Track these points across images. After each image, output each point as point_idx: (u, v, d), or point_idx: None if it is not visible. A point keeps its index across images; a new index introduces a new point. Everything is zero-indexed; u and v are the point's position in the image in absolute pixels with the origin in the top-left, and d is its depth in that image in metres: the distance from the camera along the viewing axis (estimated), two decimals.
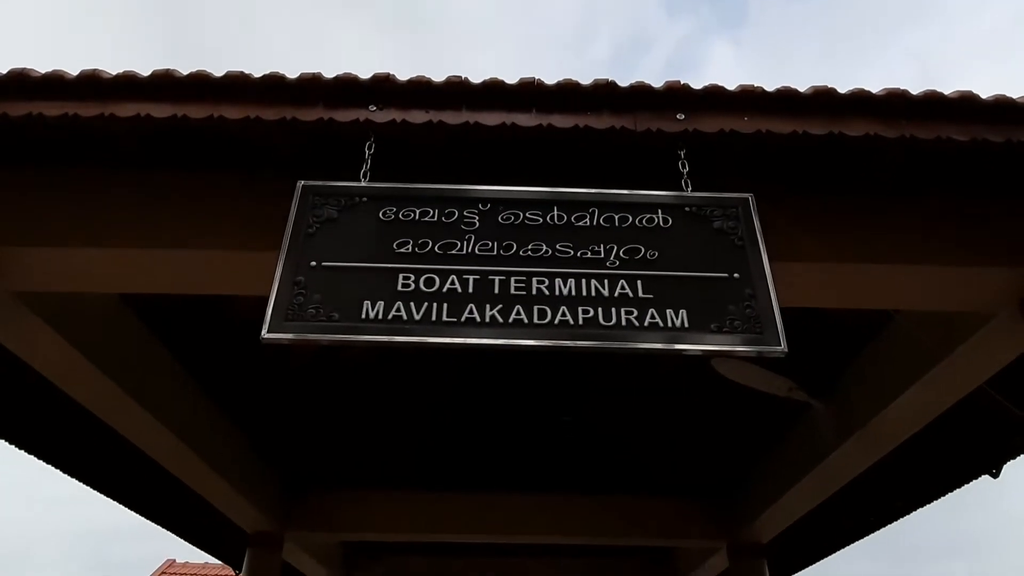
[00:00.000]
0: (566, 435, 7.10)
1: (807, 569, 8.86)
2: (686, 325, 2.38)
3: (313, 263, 2.51)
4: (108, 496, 6.50)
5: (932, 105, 2.87)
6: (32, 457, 5.50)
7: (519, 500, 7.87)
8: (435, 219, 2.64)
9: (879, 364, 4.70)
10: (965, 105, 2.86)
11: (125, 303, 4.44)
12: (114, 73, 2.91)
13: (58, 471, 5.79)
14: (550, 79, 2.97)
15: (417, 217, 2.64)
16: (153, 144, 3.09)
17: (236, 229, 3.15)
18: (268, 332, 2.33)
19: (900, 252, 3.24)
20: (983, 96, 2.87)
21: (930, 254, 3.24)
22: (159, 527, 7.47)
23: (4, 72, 2.87)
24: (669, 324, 2.38)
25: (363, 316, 2.37)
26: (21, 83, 2.85)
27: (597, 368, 6.15)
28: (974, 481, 5.62)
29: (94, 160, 3.23)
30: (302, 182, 2.75)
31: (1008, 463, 5.36)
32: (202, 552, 8.52)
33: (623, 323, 2.38)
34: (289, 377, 6.02)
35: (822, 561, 8.49)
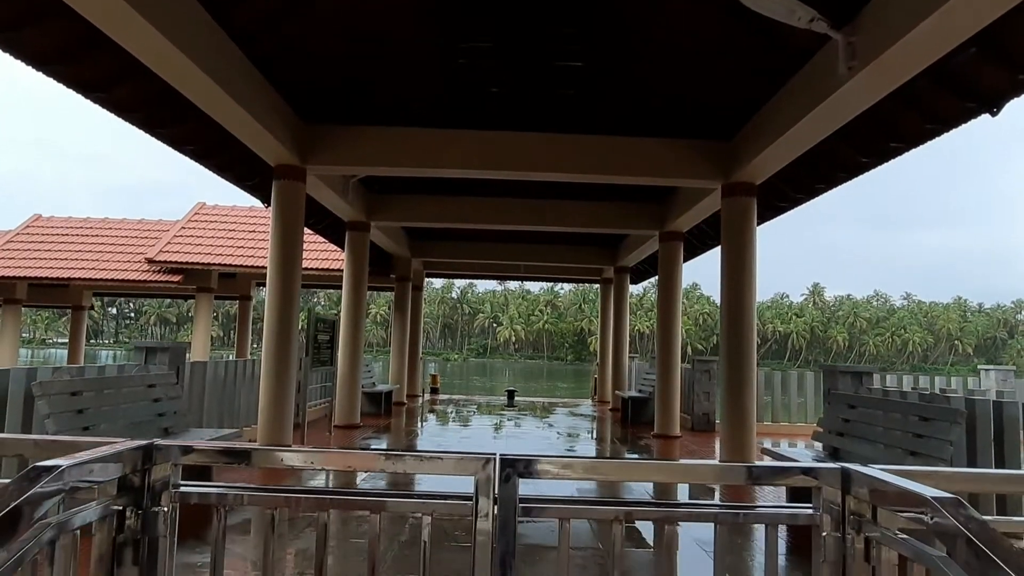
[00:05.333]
0: (576, 75, 7.09)
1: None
2: None
3: None
4: (145, 130, 6.75)
5: None
6: (71, 91, 5.64)
7: (529, 139, 8.18)
8: None
9: None
10: None
11: None
12: None
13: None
14: None
15: None
16: None
17: None
18: None
19: None
20: None
21: None
22: (191, 161, 7.91)
23: None
24: None
25: None
26: None
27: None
28: (973, 120, 5.76)
29: None
30: None
31: (1008, 102, 5.46)
32: (229, 193, 9.16)
33: None
34: (303, 10, 5.83)
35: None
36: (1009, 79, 5.12)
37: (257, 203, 10.28)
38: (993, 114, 5.59)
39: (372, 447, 9.54)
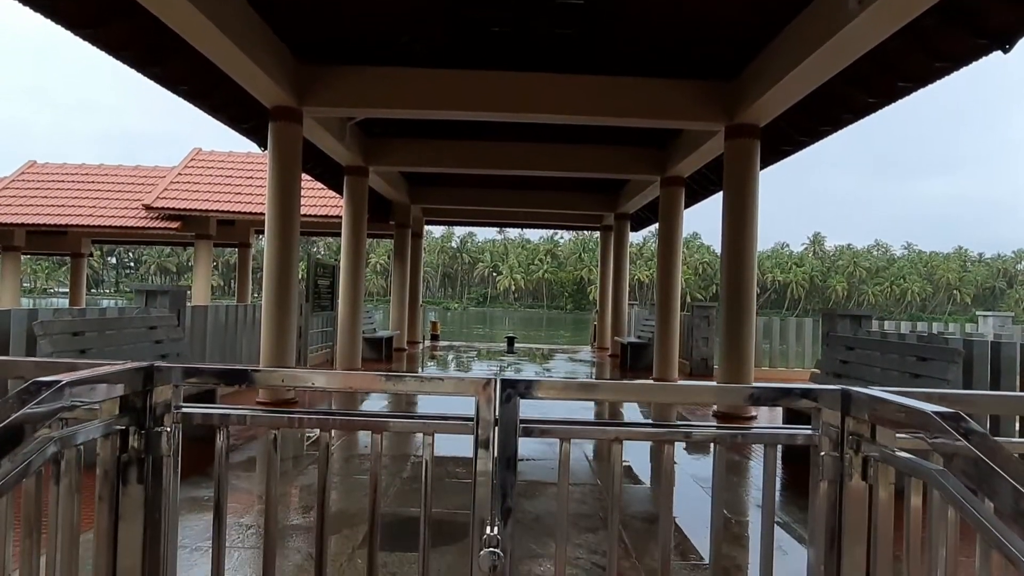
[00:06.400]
0: (577, 13, 6.89)
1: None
2: None
3: None
4: (137, 68, 6.59)
5: None
6: (60, 27, 5.49)
7: (529, 79, 8.01)
8: None
9: None
10: None
11: None
12: None
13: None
14: None
15: None
16: None
17: None
18: None
19: None
20: None
21: None
22: (186, 110, 7.77)
23: None
24: None
25: None
26: None
27: None
28: (984, 58, 5.63)
29: None
30: None
31: (1021, 39, 5.32)
32: (226, 143, 9.01)
33: None
34: None
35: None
36: (1019, 16, 4.98)
37: (254, 148, 10.15)
38: (1005, 51, 5.45)
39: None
